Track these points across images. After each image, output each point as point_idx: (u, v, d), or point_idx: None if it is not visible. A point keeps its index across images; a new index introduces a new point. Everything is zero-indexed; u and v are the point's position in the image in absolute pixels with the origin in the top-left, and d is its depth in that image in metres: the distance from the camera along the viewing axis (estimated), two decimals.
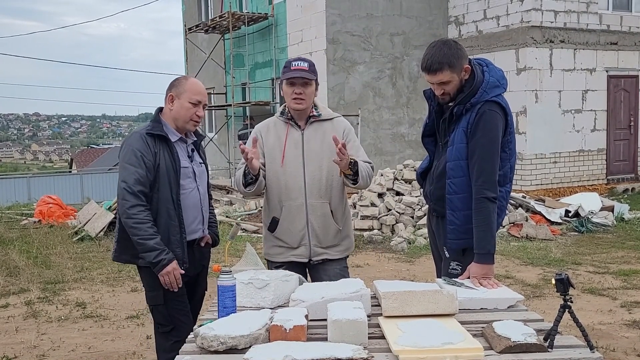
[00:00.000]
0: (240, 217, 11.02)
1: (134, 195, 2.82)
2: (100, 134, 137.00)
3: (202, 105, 2.98)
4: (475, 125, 2.74)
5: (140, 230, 2.80)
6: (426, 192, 3.09)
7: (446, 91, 2.80)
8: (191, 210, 3.00)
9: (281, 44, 14.72)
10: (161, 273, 2.82)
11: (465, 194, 2.78)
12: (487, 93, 2.76)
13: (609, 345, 4.45)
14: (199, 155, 3.12)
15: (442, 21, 14.02)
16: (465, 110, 2.78)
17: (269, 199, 3.15)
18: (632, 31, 13.14)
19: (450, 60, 2.72)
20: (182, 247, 2.93)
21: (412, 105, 13.83)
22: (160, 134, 2.91)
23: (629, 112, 13.41)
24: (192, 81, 3.01)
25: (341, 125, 3.18)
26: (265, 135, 3.14)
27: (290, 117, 3.13)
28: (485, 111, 2.73)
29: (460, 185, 2.79)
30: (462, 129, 2.79)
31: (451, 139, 2.84)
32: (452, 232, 2.85)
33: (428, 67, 2.76)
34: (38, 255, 8.13)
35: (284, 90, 3.08)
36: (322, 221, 3.09)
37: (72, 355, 4.55)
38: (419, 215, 9.11)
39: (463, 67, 2.77)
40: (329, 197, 3.10)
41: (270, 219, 3.14)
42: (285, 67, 3.07)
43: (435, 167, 2.98)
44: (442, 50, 2.74)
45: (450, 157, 2.82)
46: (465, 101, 2.77)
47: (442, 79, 2.75)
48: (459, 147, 2.79)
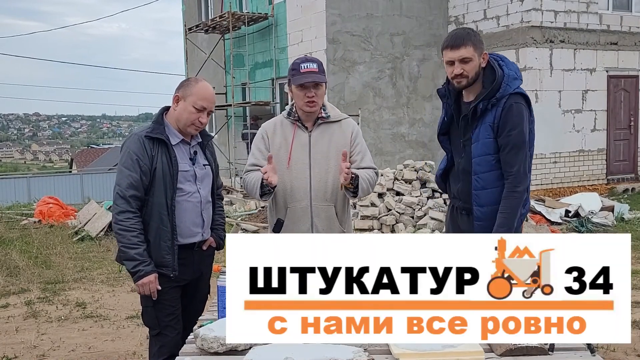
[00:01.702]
0: (241, 217, 11.02)
1: (125, 200, 2.80)
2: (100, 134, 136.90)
3: (207, 112, 2.88)
4: (504, 118, 2.77)
5: (124, 238, 2.80)
6: (454, 191, 3.07)
7: (465, 71, 2.80)
8: (189, 213, 2.94)
9: (281, 44, 14.71)
10: (137, 283, 2.83)
11: (493, 188, 2.80)
12: (509, 86, 2.80)
13: (609, 345, 4.45)
14: (204, 157, 3.05)
15: (442, 21, 14.01)
16: (490, 106, 2.80)
17: (274, 201, 3.12)
18: (632, 31, 13.13)
19: (474, 39, 2.80)
20: (172, 254, 2.88)
21: (412, 105, 13.82)
22: (159, 137, 2.86)
23: (629, 112, 13.40)
24: (201, 85, 2.90)
25: (349, 127, 3.13)
26: (272, 135, 3.09)
27: (297, 118, 3.07)
28: (512, 104, 2.78)
29: (487, 180, 2.81)
30: (488, 124, 2.80)
31: (475, 135, 2.84)
32: (479, 228, 2.84)
33: (452, 42, 2.81)
34: (38, 255, 8.12)
35: (293, 92, 3.01)
36: (326, 224, 3.06)
37: (72, 355, 4.55)
38: (419, 216, 9.11)
39: (483, 51, 2.83)
40: (334, 200, 3.07)
41: (275, 220, 3.11)
42: (294, 69, 2.98)
43: (459, 164, 2.98)
44: (466, 30, 2.86)
45: (476, 153, 2.84)
46: (490, 96, 2.79)
47: (464, 54, 2.77)
48: (486, 142, 2.81)
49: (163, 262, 2.87)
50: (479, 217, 2.85)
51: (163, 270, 2.87)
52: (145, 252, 2.82)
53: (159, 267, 2.86)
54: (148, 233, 2.85)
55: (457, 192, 3.03)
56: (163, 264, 2.87)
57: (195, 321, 2.74)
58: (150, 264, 2.82)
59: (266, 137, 3.11)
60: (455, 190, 3.04)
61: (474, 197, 2.85)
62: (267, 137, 3.10)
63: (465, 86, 2.85)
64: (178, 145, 2.93)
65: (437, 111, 14.26)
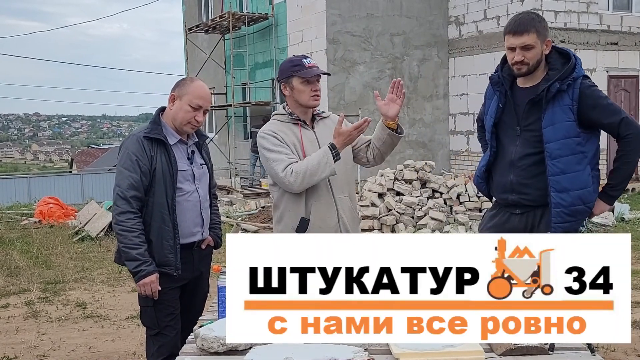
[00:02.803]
0: (241, 217, 11.02)
1: (125, 201, 2.81)
2: (100, 134, 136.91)
3: (203, 110, 2.90)
4: (587, 97, 2.76)
5: (125, 238, 2.80)
6: (505, 185, 2.94)
7: (526, 59, 2.75)
8: (189, 213, 2.96)
9: (281, 44, 14.72)
10: (138, 283, 2.84)
11: (574, 172, 2.75)
12: (581, 69, 2.80)
13: (609, 345, 4.45)
14: (200, 156, 3.07)
15: (443, 21, 14.01)
16: (566, 86, 2.76)
17: (289, 201, 3.01)
18: (632, 31, 13.13)
19: (538, 26, 2.74)
20: (175, 253, 2.90)
21: (412, 106, 13.83)
22: (158, 138, 2.87)
23: (629, 112, 13.37)
24: (197, 84, 2.92)
25: (336, 118, 3.09)
26: (283, 136, 3.02)
27: (297, 118, 3.03)
28: (588, 85, 2.79)
29: (568, 164, 2.75)
30: (566, 106, 2.75)
31: (548, 119, 2.77)
32: (558, 216, 2.77)
33: (515, 28, 2.75)
34: (38, 255, 8.13)
35: (296, 88, 2.95)
36: (350, 215, 3.05)
37: (72, 355, 4.55)
38: (419, 216, 9.11)
39: (546, 39, 2.78)
40: (348, 191, 3.07)
41: (298, 220, 2.99)
42: (296, 64, 2.94)
43: (512, 154, 2.90)
44: (531, 15, 2.79)
45: (552, 137, 2.76)
46: (564, 76, 2.76)
47: (527, 41, 2.72)
48: (565, 125, 2.75)
49: (166, 261, 2.88)
50: (558, 203, 2.75)
51: (166, 270, 2.88)
52: (147, 252, 2.83)
53: (162, 266, 2.87)
54: (150, 233, 2.86)
55: (512, 184, 2.89)
56: (166, 263, 2.88)
57: (195, 321, 2.75)
58: (152, 264, 2.83)
59: (278, 134, 3.02)
60: (509, 182, 2.91)
61: (552, 182, 2.76)
62: (279, 135, 3.02)
63: (526, 73, 2.80)
64: (176, 145, 2.95)
65: (437, 111, 14.27)
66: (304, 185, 2.90)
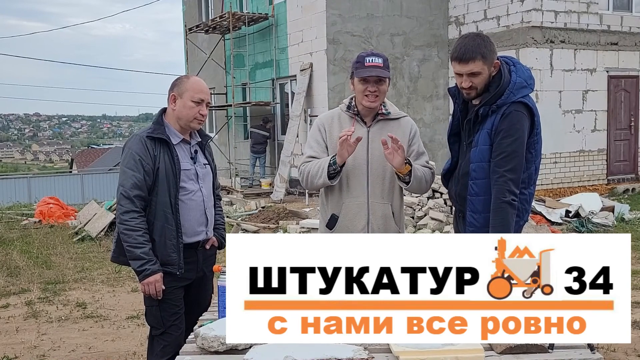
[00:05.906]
0: (241, 217, 11.01)
1: (129, 200, 2.83)
2: (100, 134, 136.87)
3: (205, 103, 2.95)
4: (500, 126, 2.70)
5: (130, 237, 2.82)
6: (452, 194, 3.05)
7: (474, 84, 2.74)
8: (193, 212, 2.98)
9: (281, 44, 14.71)
10: (143, 282, 2.85)
11: (486, 196, 2.74)
12: (513, 94, 2.72)
13: (609, 346, 4.45)
14: (203, 156, 3.09)
15: (443, 21, 14.01)
16: (490, 112, 2.74)
17: (328, 195, 3.03)
18: (632, 31, 13.13)
19: (484, 52, 2.69)
20: (178, 252, 2.91)
21: (412, 106, 13.82)
22: (161, 137, 2.90)
23: (629, 113, 13.40)
24: (193, 80, 2.98)
25: (408, 125, 3.08)
26: (329, 128, 3.02)
27: (356, 112, 3.00)
28: (511, 112, 2.69)
29: (482, 187, 2.76)
30: (486, 130, 2.74)
31: (475, 140, 2.80)
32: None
33: (460, 56, 2.71)
34: (38, 255, 8.13)
35: (355, 85, 2.96)
36: (382, 222, 2.99)
37: (72, 355, 4.55)
38: (419, 216, 9.11)
39: (494, 61, 2.74)
40: (390, 199, 3.01)
41: (330, 215, 3.01)
42: (358, 62, 2.93)
43: (461, 167, 2.94)
44: (476, 41, 2.72)
45: (473, 159, 2.79)
46: (491, 102, 2.73)
47: (473, 69, 2.70)
48: (482, 149, 2.75)
49: (169, 260, 2.89)
50: (472, 223, 2.79)
51: (169, 269, 2.89)
52: (151, 252, 2.84)
53: (165, 265, 2.88)
54: (153, 232, 2.88)
55: (455, 195, 3.00)
56: (169, 262, 2.89)
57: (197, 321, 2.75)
58: (156, 263, 2.84)
59: (323, 129, 3.03)
60: (454, 193, 3.01)
61: (469, 202, 2.81)
62: (324, 130, 3.02)
63: (474, 97, 2.79)
64: (179, 144, 2.98)
65: (437, 111, 14.27)
66: (308, 185, 2.97)
